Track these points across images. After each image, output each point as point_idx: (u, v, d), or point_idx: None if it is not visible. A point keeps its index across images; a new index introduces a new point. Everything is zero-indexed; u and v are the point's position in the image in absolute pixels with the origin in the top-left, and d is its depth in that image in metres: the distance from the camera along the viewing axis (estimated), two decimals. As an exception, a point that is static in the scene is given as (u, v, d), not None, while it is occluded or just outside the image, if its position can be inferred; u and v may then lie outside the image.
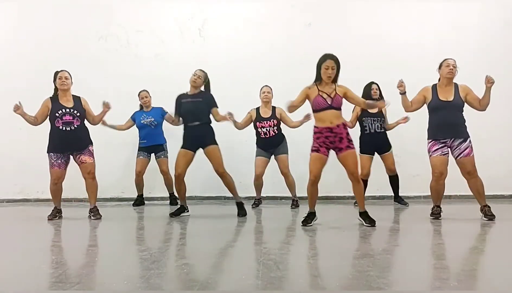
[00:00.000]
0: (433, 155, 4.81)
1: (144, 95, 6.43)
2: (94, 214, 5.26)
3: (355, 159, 4.42)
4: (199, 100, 5.20)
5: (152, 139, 6.42)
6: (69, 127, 5.11)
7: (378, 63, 6.75)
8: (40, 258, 3.40)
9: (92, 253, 3.54)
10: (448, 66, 4.79)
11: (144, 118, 6.40)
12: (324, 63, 4.35)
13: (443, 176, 4.82)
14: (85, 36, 7.21)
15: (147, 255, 3.30)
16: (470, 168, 4.76)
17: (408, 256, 3.41)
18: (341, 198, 6.81)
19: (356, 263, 3.04)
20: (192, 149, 5.20)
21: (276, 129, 5.94)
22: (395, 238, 4.09)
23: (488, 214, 4.79)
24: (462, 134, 4.79)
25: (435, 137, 4.83)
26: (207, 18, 7.22)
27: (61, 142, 5.13)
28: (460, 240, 3.91)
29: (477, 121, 5.91)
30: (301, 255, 3.37)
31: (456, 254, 3.41)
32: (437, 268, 2.96)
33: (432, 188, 4.93)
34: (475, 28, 7.06)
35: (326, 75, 4.34)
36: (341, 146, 4.38)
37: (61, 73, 5.21)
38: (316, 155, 4.40)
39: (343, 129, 4.40)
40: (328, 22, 7.09)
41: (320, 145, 4.39)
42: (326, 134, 4.38)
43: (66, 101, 5.19)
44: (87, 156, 5.21)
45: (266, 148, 5.98)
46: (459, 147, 4.77)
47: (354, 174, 4.41)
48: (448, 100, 4.78)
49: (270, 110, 5.97)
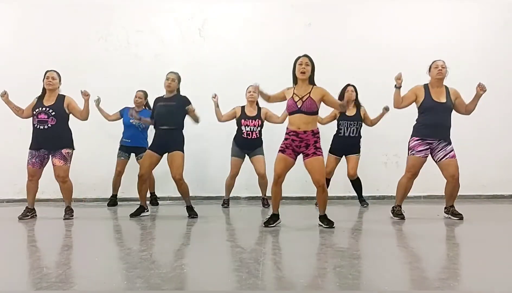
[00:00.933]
0: (416, 155, 4.85)
1: (139, 96, 6.38)
2: (65, 214, 5.29)
3: (321, 166, 4.32)
4: (172, 104, 5.22)
5: (136, 141, 6.38)
6: (42, 126, 5.12)
7: (378, 63, 6.76)
8: (40, 258, 3.39)
9: (92, 253, 3.54)
10: (437, 67, 4.83)
11: (133, 118, 6.39)
12: (297, 61, 4.40)
13: (415, 176, 4.93)
14: (85, 36, 7.20)
15: (147, 255, 3.30)
16: (455, 171, 4.79)
17: (409, 256, 3.41)
18: (341, 198, 6.81)
19: (356, 263, 3.04)
20: (159, 152, 5.21)
21: (259, 131, 5.94)
22: (395, 238, 4.09)
23: (456, 214, 4.89)
24: (448, 137, 4.85)
25: (423, 137, 4.85)
26: (207, 18, 7.22)
27: (36, 140, 5.17)
28: (460, 241, 3.91)
29: (478, 120, 5.93)
30: (301, 255, 3.36)
31: (456, 255, 3.41)
32: (438, 268, 2.96)
33: (402, 185, 5.00)
34: (475, 29, 7.06)
35: (299, 71, 4.34)
36: (308, 152, 4.36)
37: (49, 73, 5.24)
38: (281, 156, 4.42)
39: (311, 136, 4.35)
40: (328, 22, 7.09)
41: (287, 146, 4.41)
42: (292, 138, 4.38)
43: (48, 100, 5.20)
44: (58, 159, 5.17)
45: (243, 147, 5.95)
46: (445, 149, 4.81)
47: (319, 182, 4.33)
48: (441, 102, 4.81)
49: (255, 110, 5.97)
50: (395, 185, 6.34)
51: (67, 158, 5.23)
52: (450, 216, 4.93)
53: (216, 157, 6.76)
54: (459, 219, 4.82)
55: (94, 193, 7.06)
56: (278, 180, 4.44)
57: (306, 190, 6.23)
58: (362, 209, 5.90)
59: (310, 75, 4.40)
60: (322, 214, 4.53)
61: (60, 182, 5.25)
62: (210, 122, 6.06)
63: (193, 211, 5.34)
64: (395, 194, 6.53)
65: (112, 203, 6.51)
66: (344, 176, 6.24)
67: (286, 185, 6.34)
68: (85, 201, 6.98)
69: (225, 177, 6.17)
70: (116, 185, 6.52)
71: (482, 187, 6.85)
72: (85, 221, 5.18)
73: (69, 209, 5.35)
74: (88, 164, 6.85)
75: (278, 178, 4.43)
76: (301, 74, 4.35)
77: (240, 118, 5.95)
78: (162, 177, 6.54)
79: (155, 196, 6.64)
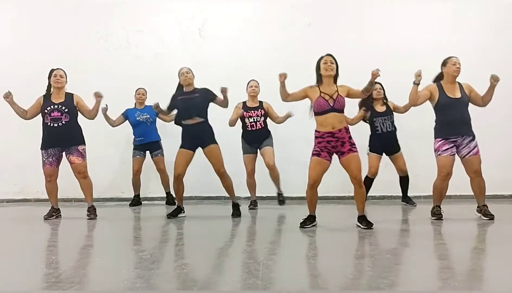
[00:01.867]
0: (443, 155, 4.75)
1: (141, 93, 6.44)
2: (89, 214, 5.26)
3: (358, 162, 4.29)
4: (196, 95, 5.13)
5: (148, 136, 6.40)
6: (56, 123, 5.11)
7: (378, 63, 6.70)
8: (40, 258, 3.40)
9: (91, 253, 3.54)
10: (455, 64, 4.78)
11: (139, 115, 6.40)
12: (322, 60, 4.38)
13: (449, 177, 4.78)
14: (85, 36, 7.20)
15: (147, 255, 3.29)
16: (478, 167, 4.73)
17: (408, 256, 3.41)
18: (341, 198, 6.80)
19: (356, 263, 3.04)
20: (191, 148, 5.13)
21: (263, 121, 5.85)
22: (395, 238, 4.09)
23: (487, 214, 4.78)
24: (471, 132, 4.78)
25: (446, 136, 4.77)
26: (207, 18, 7.22)
27: (50, 138, 5.14)
28: (460, 240, 3.91)
29: (478, 120, 5.90)
30: (301, 255, 3.36)
31: (457, 255, 3.41)
32: (438, 268, 2.96)
33: (437, 188, 4.87)
34: (476, 29, 7.05)
35: (325, 70, 4.31)
36: (343, 150, 4.30)
37: (56, 71, 5.23)
38: (316, 160, 4.31)
39: (345, 133, 4.32)
40: (328, 22, 7.08)
41: (321, 149, 4.31)
42: (327, 139, 4.30)
43: (57, 98, 5.19)
44: (75, 156, 5.18)
45: (252, 142, 5.86)
46: (469, 146, 4.73)
47: (357, 178, 4.29)
48: (457, 97, 4.76)
49: (256, 103, 5.92)
50: (395, 185, 6.38)
51: (84, 155, 5.25)
52: (482, 215, 4.82)
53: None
54: (490, 219, 4.71)
55: (95, 193, 6.98)
56: (314, 185, 4.35)
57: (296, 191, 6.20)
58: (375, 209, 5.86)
59: (335, 73, 4.38)
60: (361, 214, 4.41)
61: (81, 178, 5.25)
62: (212, 122, 6.03)
63: (238, 210, 5.22)
64: (395, 194, 6.61)
65: (135, 203, 6.52)
66: (344, 177, 6.23)
67: (287, 184, 6.41)
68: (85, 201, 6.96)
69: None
70: (137, 185, 6.53)
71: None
72: (85, 221, 5.17)
73: (93, 208, 5.32)
74: (89, 164, 6.82)
75: (314, 183, 4.33)
76: (328, 72, 4.30)
77: (242, 112, 5.90)
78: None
79: (171, 195, 6.59)
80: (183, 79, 5.18)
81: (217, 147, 5.13)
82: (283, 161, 6.23)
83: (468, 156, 4.74)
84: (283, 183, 6.04)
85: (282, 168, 6.04)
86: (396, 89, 5.93)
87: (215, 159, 5.10)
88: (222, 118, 5.76)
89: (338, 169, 6.01)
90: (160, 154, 6.46)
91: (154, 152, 6.43)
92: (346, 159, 4.30)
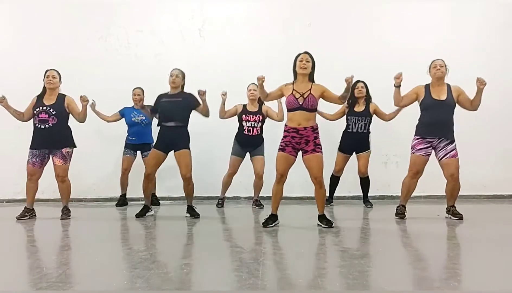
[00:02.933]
0: (416, 154, 4.88)
1: (137, 93, 6.39)
2: (62, 214, 5.29)
3: (319, 163, 4.36)
4: (178, 100, 5.18)
5: (141, 137, 6.39)
6: (43, 125, 5.14)
7: (378, 63, 6.73)
8: (40, 258, 3.40)
9: (92, 253, 3.53)
10: (435, 66, 4.88)
11: (135, 116, 6.39)
12: (299, 57, 4.46)
13: (418, 175, 4.92)
14: (84, 36, 7.18)
15: (147, 255, 3.30)
16: (454, 170, 4.79)
17: (406, 257, 3.41)
18: (341, 198, 6.80)
19: (356, 263, 3.05)
20: (164, 150, 5.17)
21: (259, 127, 5.93)
22: (395, 238, 4.09)
23: (456, 214, 4.88)
24: (450, 135, 4.84)
25: (423, 135, 4.88)
26: (207, 18, 7.21)
27: (37, 139, 5.18)
28: (460, 241, 3.91)
29: (477, 121, 5.93)
30: (301, 255, 3.36)
31: (456, 255, 3.42)
32: (436, 268, 2.96)
33: (405, 184, 5.01)
34: (475, 29, 7.05)
35: (299, 67, 4.40)
36: (307, 148, 4.39)
37: (49, 72, 5.26)
38: (281, 154, 4.43)
39: (311, 132, 4.39)
40: (328, 22, 7.08)
41: (286, 144, 4.42)
42: (292, 135, 4.41)
43: (48, 99, 5.21)
44: (58, 158, 5.20)
45: (245, 145, 5.94)
46: (445, 148, 4.81)
47: (317, 178, 4.37)
48: (441, 99, 4.83)
49: (256, 107, 5.97)
50: (395, 185, 6.35)
51: (67, 158, 5.26)
52: (451, 216, 4.93)
53: (217, 157, 6.73)
54: (459, 219, 4.82)
55: (94, 193, 7.06)
56: (281, 179, 4.47)
57: (305, 189, 6.20)
58: (366, 210, 5.88)
59: (310, 71, 4.46)
60: (321, 214, 4.51)
61: (60, 181, 5.27)
62: (211, 122, 6.04)
63: (194, 211, 5.31)
64: (395, 194, 6.60)
65: (121, 203, 6.46)
66: (344, 176, 6.28)
67: (286, 184, 6.39)
68: (85, 201, 6.98)
69: (220, 178, 6.16)
70: (124, 184, 6.48)
71: (482, 187, 6.85)
72: (85, 221, 5.19)
73: (66, 209, 5.35)
74: (88, 164, 6.84)
75: (281, 177, 4.45)
76: (302, 70, 4.40)
77: (241, 114, 5.95)
78: (163, 176, 6.56)
79: (156, 196, 6.63)
80: (171, 81, 5.23)
81: (188, 153, 5.18)
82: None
83: (444, 158, 4.81)
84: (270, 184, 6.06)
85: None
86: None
87: (184, 164, 5.14)
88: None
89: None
90: None
91: (144, 152, 6.41)
92: (308, 158, 4.39)
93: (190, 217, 5.24)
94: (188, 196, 5.34)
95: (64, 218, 5.24)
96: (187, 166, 5.15)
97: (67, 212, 5.33)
